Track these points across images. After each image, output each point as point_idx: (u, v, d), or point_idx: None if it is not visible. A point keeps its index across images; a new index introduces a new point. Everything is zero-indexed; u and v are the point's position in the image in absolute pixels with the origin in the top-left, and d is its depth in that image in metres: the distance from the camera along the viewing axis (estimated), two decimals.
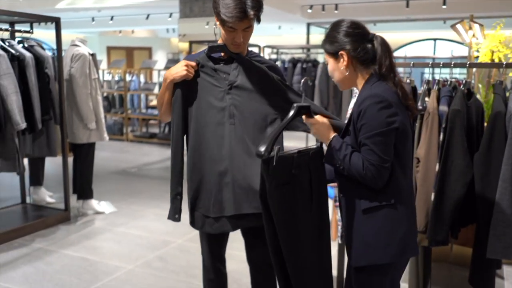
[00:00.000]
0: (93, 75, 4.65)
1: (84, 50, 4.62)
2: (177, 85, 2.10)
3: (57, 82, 4.47)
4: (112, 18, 11.67)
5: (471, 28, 4.63)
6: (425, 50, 14.13)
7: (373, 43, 1.84)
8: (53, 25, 4.48)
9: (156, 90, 10.24)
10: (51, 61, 4.41)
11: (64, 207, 4.66)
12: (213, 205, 2.10)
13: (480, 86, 3.99)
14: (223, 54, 2.12)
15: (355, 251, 1.87)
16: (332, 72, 1.92)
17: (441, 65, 2.63)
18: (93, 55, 4.70)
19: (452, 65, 2.62)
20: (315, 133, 1.91)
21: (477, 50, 4.22)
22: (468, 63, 2.73)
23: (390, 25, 12.33)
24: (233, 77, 2.09)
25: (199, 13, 8.21)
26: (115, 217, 4.76)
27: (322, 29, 12.06)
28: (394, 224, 1.83)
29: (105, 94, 10.42)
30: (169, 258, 3.79)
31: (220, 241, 2.29)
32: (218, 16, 1.99)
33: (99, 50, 15.20)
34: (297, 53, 8.57)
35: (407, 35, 14.12)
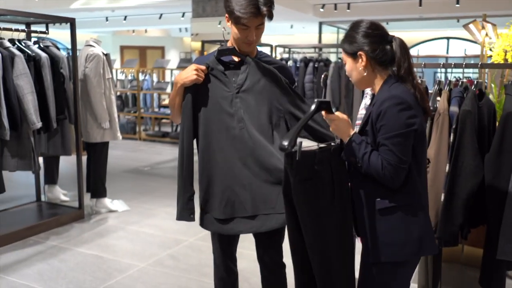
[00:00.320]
0: (107, 75, 4.71)
1: (98, 50, 4.68)
2: (187, 89, 2.12)
3: (72, 82, 4.54)
4: (125, 18, 11.79)
5: (483, 27, 4.60)
6: (439, 49, 14.02)
7: (392, 44, 1.86)
8: (67, 25, 4.54)
9: (168, 89, 10.31)
10: (66, 61, 4.47)
11: (78, 206, 4.73)
12: (224, 207, 2.13)
13: (493, 86, 3.97)
14: (235, 57, 2.13)
15: (372, 248, 1.90)
16: (350, 71, 1.94)
17: (452, 66, 2.63)
18: (107, 55, 4.76)
19: (463, 66, 2.62)
20: (334, 129, 1.92)
21: (490, 49, 4.20)
22: (479, 63, 2.72)
23: (403, 24, 12.26)
24: (241, 80, 2.11)
25: (211, 13, 8.25)
26: (127, 216, 4.82)
27: (334, 28, 12.04)
28: (410, 223, 1.86)
29: (118, 93, 10.52)
30: (181, 256, 3.83)
31: (231, 240, 2.32)
32: (231, 14, 2.01)
33: (112, 49, 15.34)
34: (309, 52, 8.57)
35: (420, 34, 14.03)
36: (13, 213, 4.67)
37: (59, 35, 12.25)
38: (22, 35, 4.44)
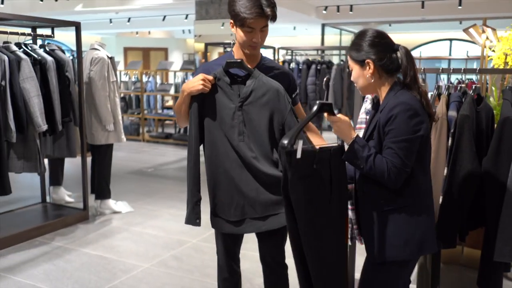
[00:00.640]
0: (112, 78, 4.77)
1: (103, 53, 4.74)
2: (193, 98, 2.16)
3: (77, 85, 4.60)
4: (129, 19, 11.86)
5: (484, 31, 4.65)
6: (441, 50, 14.04)
7: (397, 53, 1.95)
8: (71, 27, 4.60)
9: (172, 91, 10.38)
10: (71, 64, 4.53)
11: (82, 207, 4.79)
12: (234, 210, 2.19)
13: (493, 88, 4.01)
14: (244, 68, 2.15)
15: (376, 248, 1.97)
16: (356, 78, 2.02)
17: (451, 71, 2.68)
18: (111, 58, 4.82)
19: (462, 71, 2.67)
20: (337, 131, 1.96)
21: (493, 50, 4.24)
22: (478, 69, 2.77)
23: (405, 25, 12.29)
24: (246, 94, 2.15)
25: (214, 15, 8.31)
26: (131, 217, 4.88)
27: (337, 30, 12.08)
28: (414, 223, 1.94)
29: (122, 95, 10.59)
30: (184, 257, 3.88)
31: (235, 241, 2.37)
32: (236, 17, 2.07)
33: (116, 51, 15.42)
34: (311, 54, 8.61)
35: (423, 35, 14.04)
36: (19, 214, 4.73)
37: (63, 36, 12.35)
38: (27, 38, 4.50)
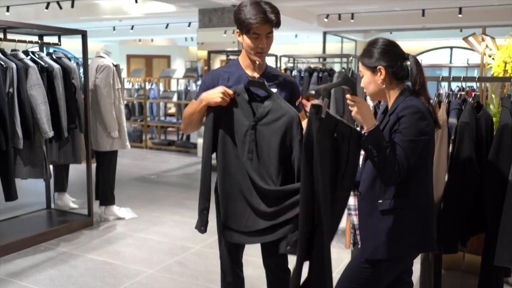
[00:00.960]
0: (117, 85, 4.83)
1: (108, 61, 4.81)
2: (210, 109, 2.19)
3: (83, 92, 4.65)
4: (132, 27, 11.96)
5: (483, 40, 4.70)
6: (442, 58, 14.10)
7: (407, 62, 2.05)
8: (77, 35, 4.66)
9: (174, 98, 10.44)
10: (77, 72, 4.59)
11: (87, 213, 4.83)
12: (247, 221, 2.20)
13: (493, 96, 4.06)
14: (265, 89, 2.18)
15: (372, 245, 2.03)
16: (367, 84, 2.09)
17: (451, 80, 2.74)
18: (116, 66, 4.88)
19: (461, 80, 2.73)
20: (358, 113, 1.96)
21: (492, 58, 4.29)
22: (477, 77, 2.83)
23: (406, 33, 12.36)
24: (262, 114, 2.17)
25: (217, 23, 8.39)
26: (135, 223, 4.92)
27: (338, 37, 12.16)
28: (410, 223, 2.01)
29: (125, 102, 10.65)
30: (188, 263, 3.92)
31: (238, 247, 2.41)
32: (242, 24, 2.14)
33: (119, 58, 15.51)
34: (313, 62, 8.67)
35: (423, 43, 14.11)
36: (24, 220, 4.78)
37: (67, 44, 12.44)
38: (34, 46, 4.57)
